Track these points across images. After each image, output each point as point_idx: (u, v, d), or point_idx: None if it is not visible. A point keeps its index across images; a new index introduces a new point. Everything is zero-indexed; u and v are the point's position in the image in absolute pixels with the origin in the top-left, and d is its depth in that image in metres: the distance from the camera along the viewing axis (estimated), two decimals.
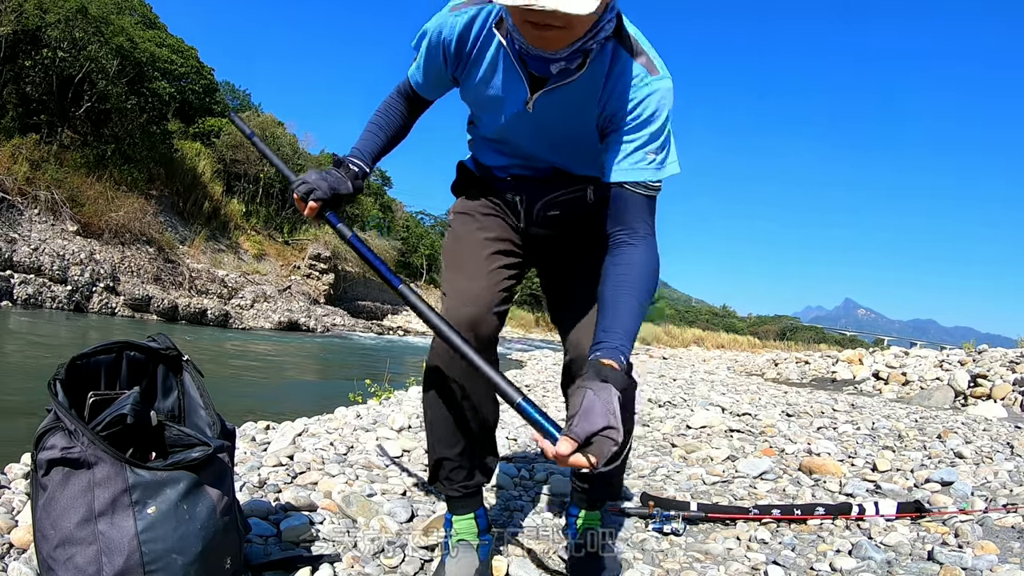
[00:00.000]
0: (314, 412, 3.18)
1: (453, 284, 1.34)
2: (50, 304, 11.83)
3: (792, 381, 8.41)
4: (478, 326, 1.27)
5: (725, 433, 3.24)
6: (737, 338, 32.94)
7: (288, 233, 22.10)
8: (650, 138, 1.14)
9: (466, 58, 1.22)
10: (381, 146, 1.37)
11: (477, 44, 1.20)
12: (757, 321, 62.45)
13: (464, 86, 1.28)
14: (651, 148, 1.15)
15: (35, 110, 14.49)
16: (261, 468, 1.91)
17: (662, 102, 1.14)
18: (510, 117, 1.24)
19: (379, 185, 32.94)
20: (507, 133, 1.29)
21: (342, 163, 1.31)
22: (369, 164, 1.34)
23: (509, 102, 1.22)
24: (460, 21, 1.19)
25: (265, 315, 16.27)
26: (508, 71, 1.18)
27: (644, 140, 1.14)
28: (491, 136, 1.35)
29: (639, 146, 1.14)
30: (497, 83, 1.21)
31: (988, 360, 6.78)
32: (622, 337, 1.05)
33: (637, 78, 1.13)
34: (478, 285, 1.32)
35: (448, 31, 1.20)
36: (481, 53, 1.20)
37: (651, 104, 1.13)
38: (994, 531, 1.80)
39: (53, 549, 0.96)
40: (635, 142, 1.15)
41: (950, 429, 3.60)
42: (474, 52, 1.21)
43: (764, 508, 1.87)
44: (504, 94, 1.21)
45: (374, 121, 1.38)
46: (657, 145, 1.15)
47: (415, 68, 1.33)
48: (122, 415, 1.06)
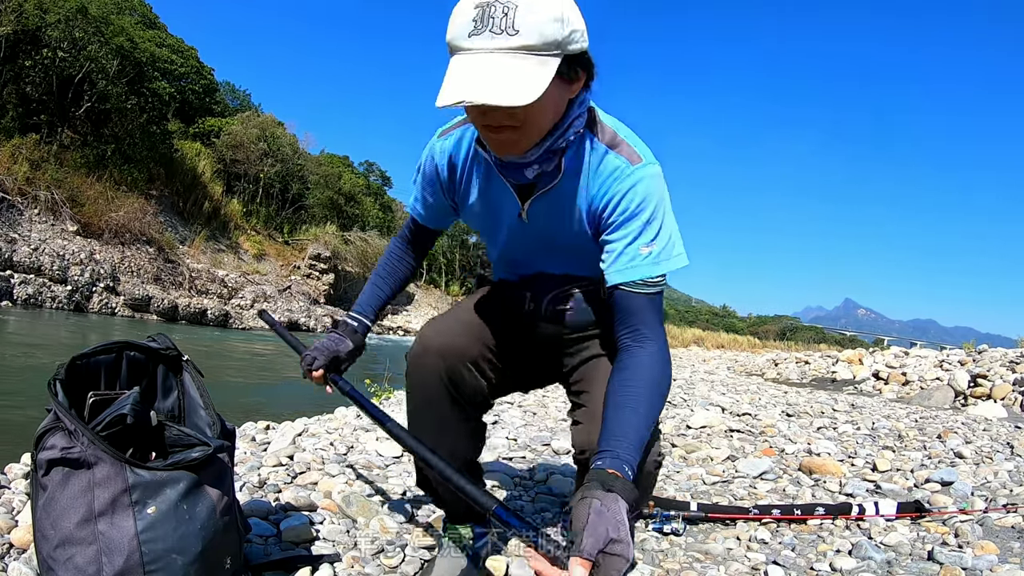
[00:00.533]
0: (314, 412, 3.18)
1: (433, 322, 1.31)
2: (50, 304, 11.83)
3: (792, 381, 8.41)
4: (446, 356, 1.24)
5: (725, 433, 3.24)
6: (737, 338, 32.93)
7: (288, 233, 22.11)
8: (641, 230, 1.07)
9: (459, 181, 1.22)
10: (385, 298, 1.39)
11: (466, 164, 1.20)
12: (757, 321, 62.47)
13: (463, 210, 1.26)
14: (643, 241, 1.07)
15: (35, 110, 14.50)
16: (261, 468, 1.91)
17: (650, 190, 1.07)
18: (508, 231, 1.22)
19: (379, 185, 32.96)
20: (510, 250, 1.27)
21: (339, 323, 1.36)
22: (371, 317, 1.38)
23: (504, 216, 1.20)
24: (448, 144, 1.20)
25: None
26: (498, 186, 1.16)
27: (635, 234, 1.07)
28: (497, 256, 1.33)
29: (630, 241, 1.07)
30: (490, 200, 1.19)
31: (988, 360, 6.78)
32: (627, 448, 0.95)
33: (618, 170, 1.08)
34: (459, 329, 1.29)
35: (439, 156, 1.21)
36: (471, 173, 1.20)
37: (637, 195, 1.07)
38: (994, 531, 1.80)
39: (53, 549, 0.96)
40: (626, 238, 1.08)
41: (950, 429, 3.60)
42: (464, 173, 1.20)
43: (764, 508, 1.87)
44: (498, 209, 1.20)
45: (379, 273, 1.41)
46: (650, 237, 1.07)
47: (415, 201, 1.33)
48: (122, 415, 1.06)
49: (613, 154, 1.09)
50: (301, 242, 21.79)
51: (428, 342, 1.25)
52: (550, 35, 0.91)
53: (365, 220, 26.46)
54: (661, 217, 1.08)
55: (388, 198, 33.03)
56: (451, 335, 1.26)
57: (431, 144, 1.24)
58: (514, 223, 1.19)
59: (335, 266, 21.76)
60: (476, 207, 1.22)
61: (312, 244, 21.43)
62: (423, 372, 1.26)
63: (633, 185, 1.07)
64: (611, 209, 1.09)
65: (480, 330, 1.30)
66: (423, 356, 1.25)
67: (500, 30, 0.90)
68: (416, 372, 1.27)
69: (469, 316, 1.32)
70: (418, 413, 1.30)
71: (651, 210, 1.07)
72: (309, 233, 22.33)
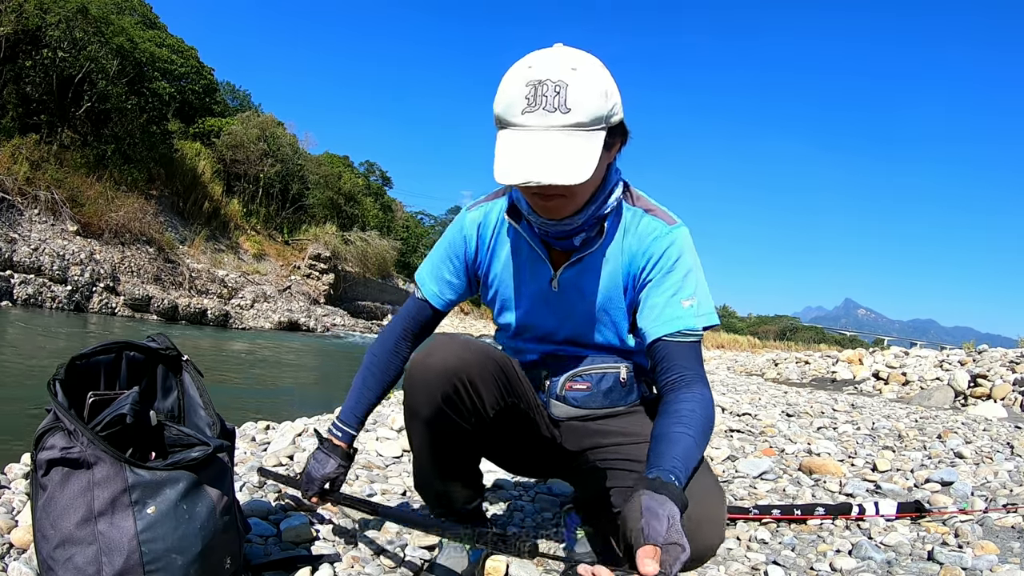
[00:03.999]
0: (314, 412, 3.18)
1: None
2: (50, 304, 11.83)
3: (792, 381, 8.41)
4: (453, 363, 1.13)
5: (725, 433, 3.24)
6: (737, 338, 32.92)
7: (288, 233, 22.10)
8: (681, 285, 1.13)
9: (487, 248, 1.27)
10: (373, 401, 1.33)
11: (494, 234, 1.26)
12: (757, 321, 62.45)
13: (485, 281, 1.30)
14: (683, 296, 1.12)
15: (35, 110, 14.49)
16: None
17: (685, 248, 1.15)
18: (533, 298, 1.24)
19: (379, 185, 32.95)
20: (530, 317, 1.27)
21: (324, 440, 1.32)
22: (355, 427, 1.33)
23: (532, 284, 1.23)
24: (477, 216, 1.27)
25: (265, 315, 16.27)
26: (529, 255, 1.22)
27: (675, 288, 1.13)
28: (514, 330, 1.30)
29: (672, 295, 1.13)
30: (519, 267, 1.24)
31: (988, 360, 6.78)
32: (676, 462, 0.92)
33: (657, 231, 1.16)
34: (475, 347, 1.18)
35: (468, 226, 1.27)
36: (499, 242, 1.26)
37: (675, 251, 1.14)
38: (994, 531, 1.80)
39: (53, 549, 0.96)
40: (667, 292, 1.13)
41: (950, 429, 3.60)
42: (493, 241, 1.26)
43: (764, 508, 1.87)
44: (526, 277, 1.24)
45: (370, 370, 1.33)
46: (690, 292, 1.13)
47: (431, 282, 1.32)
48: (121, 414, 1.06)
49: (650, 216, 1.17)
50: (301, 242, 21.78)
51: (436, 348, 1.17)
52: (597, 111, 0.98)
53: (365, 220, 26.46)
54: (697, 273, 1.16)
55: (388, 198, 33.03)
56: (463, 350, 1.16)
57: (460, 216, 1.31)
58: (543, 288, 1.23)
59: (335, 266, 21.75)
60: (501, 275, 1.27)
61: (312, 244, 21.42)
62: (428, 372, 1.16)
63: (672, 243, 1.15)
64: (652, 266, 1.15)
65: (493, 361, 1.20)
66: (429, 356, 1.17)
67: (553, 108, 0.96)
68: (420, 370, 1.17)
69: (486, 347, 1.23)
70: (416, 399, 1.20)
71: (688, 266, 1.15)
72: (309, 233, 22.32)
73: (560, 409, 1.28)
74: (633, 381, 1.28)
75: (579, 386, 1.26)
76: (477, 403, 1.15)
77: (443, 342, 1.16)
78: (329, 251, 21.47)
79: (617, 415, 1.28)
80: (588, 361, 1.26)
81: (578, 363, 1.26)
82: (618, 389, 1.26)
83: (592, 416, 1.27)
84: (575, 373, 1.26)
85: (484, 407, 1.16)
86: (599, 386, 1.25)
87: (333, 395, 4.99)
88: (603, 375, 1.25)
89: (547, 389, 1.28)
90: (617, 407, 1.27)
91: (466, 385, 1.13)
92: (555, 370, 1.28)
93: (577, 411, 1.27)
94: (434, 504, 1.38)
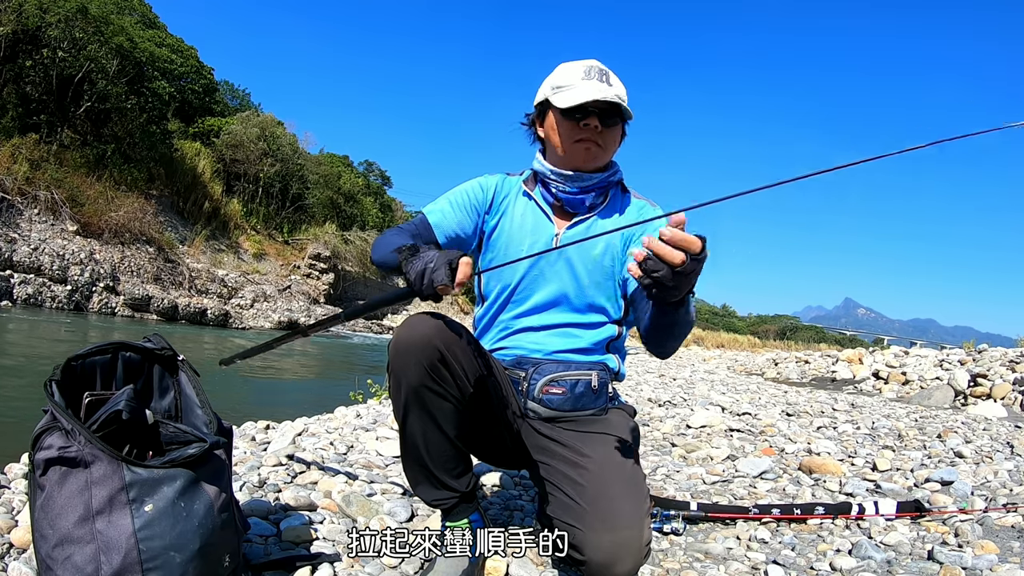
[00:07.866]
0: (314, 412, 3.18)
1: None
2: (50, 304, 11.83)
3: (792, 381, 8.41)
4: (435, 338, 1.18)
5: (725, 432, 3.24)
6: (737, 337, 32.93)
7: (288, 233, 22.10)
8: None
9: (500, 203, 1.47)
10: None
11: (510, 196, 1.47)
12: (757, 320, 62.45)
13: (490, 237, 1.46)
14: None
15: (35, 110, 14.49)
16: (261, 468, 1.91)
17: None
18: (535, 258, 1.41)
19: (379, 185, 32.95)
20: (528, 277, 1.43)
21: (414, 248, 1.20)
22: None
23: (536, 238, 1.42)
24: (499, 179, 1.50)
25: (265, 315, 16.28)
26: (536, 216, 1.44)
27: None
28: (508, 293, 1.44)
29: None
30: (526, 224, 1.44)
31: (988, 360, 6.78)
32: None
33: (646, 207, 1.45)
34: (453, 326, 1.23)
35: (487, 182, 1.49)
36: (513, 202, 1.47)
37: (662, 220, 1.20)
38: (994, 531, 1.80)
39: (52, 548, 0.96)
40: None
41: (950, 429, 3.60)
42: (507, 200, 1.47)
43: (764, 508, 1.86)
44: (532, 232, 1.43)
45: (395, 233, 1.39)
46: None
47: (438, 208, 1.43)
48: (117, 411, 1.06)
49: (642, 200, 1.47)
50: (301, 242, 21.78)
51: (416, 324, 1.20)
52: (625, 97, 1.35)
53: (365, 220, 26.46)
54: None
55: (388, 198, 33.02)
56: (441, 323, 1.21)
57: (483, 177, 1.50)
58: (547, 245, 1.41)
59: (335, 266, 21.75)
60: (507, 228, 1.45)
61: (312, 244, 21.43)
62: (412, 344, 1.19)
63: (659, 215, 1.34)
64: (641, 231, 1.36)
65: (468, 333, 1.27)
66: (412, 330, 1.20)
67: (603, 82, 1.33)
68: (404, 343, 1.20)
69: (460, 324, 1.26)
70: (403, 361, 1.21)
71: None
72: (309, 233, 22.32)
73: (536, 409, 1.39)
74: (603, 386, 1.41)
75: (555, 390, 1.38)
76: (458, 370, 1.20)
77: (422, 319, 1.21)
78: (329, 251, 21.48)
79: (581, 419, 1.39)
80: (563, 367, 1.39)
81: (556, 368, 1.39)
82: (589, 394, 1.39)
83: (560, 418, 1.38)
84: (553, 378, 1.38)
85: (465, 375, 1.22)
86: (573, 391, 1.38)
87: (333, 395, 4.98)
88: (577, 381, 1.39)
89: (526, 390, 1.39)
90: (586, 410, 1.40)
91: (447, 354, 1.19)
92: (534, 371, 1.39)
93: (551, 412, 1.38)
94: (425, 485, 1.32)
